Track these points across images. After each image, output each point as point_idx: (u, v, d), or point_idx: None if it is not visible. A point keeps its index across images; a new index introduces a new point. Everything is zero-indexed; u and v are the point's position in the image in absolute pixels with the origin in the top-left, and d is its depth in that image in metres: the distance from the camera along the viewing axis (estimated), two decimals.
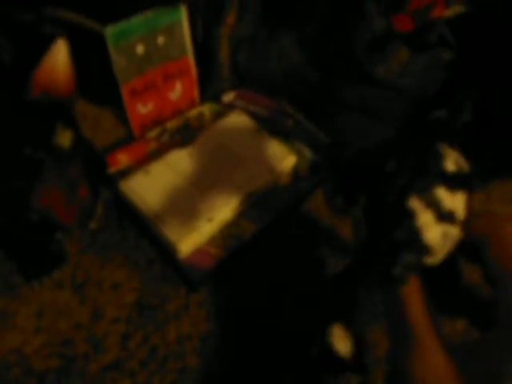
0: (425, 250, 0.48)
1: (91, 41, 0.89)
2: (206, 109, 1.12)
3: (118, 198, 0.93)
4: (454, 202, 0.49)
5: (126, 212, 0.92)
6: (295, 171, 1.04)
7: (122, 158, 0.98)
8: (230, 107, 1.13)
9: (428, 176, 0.48)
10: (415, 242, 0.48)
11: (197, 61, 1.06)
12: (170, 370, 0.79)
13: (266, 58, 1.13)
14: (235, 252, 0.90)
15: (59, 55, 0.64)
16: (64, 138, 0.62)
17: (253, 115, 1.11)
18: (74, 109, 0.68)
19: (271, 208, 0.97)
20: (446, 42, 0.97)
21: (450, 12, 1.03)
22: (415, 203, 0.48)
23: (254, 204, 0.96)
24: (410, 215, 0.48)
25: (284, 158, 1.02)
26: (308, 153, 1.07)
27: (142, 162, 0.97)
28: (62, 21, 0.88)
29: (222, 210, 0.91)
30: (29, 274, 0.78)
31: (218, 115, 1.11)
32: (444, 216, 0.48)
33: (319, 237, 0.98)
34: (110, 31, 0.87)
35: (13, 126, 0.59)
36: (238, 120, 1.09)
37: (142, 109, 1.02)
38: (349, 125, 1.08)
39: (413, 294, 0.49)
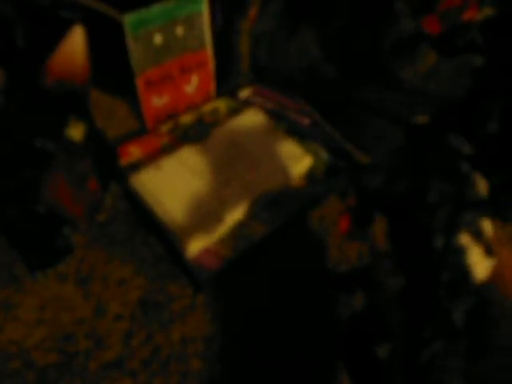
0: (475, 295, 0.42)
1: (108, 28, 0.86)
2: (222, 104, 1.09)
3: (127, 191, 0.90)
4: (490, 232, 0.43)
5: (135, 207, 0.90)
6: (310, 173, 1.00)
7: (134, 151, 0.95)
8: (246, 104, 1.10)
9: (469, 206, 0.42)
10: (466, 286, 0.41)
11: (215, 54, 1.02)
12: (172, 372, 0.77)
13: (285, 54, 1.10)
14: (244, 254, 0.88)
15: (76, 41, 0.61)
16: (76, 131, 0.60)
17: (269, 113, 1.08)
18: (89, 101, 0.65)
19: (283, 211, 0.94)
20: (477, 46, 0.92)
21: (480, 15, 0.99)
22: (465, 238, 0.41)
23: (266, 205, 0.94)
24: (458, 253, 0.41)
25: (300, 159, 0.99)
26: (324, 155, 1.04)
27: (154, 156, 0.95)
28: (79, 6, 0.86)
29: (234, 211, 0.89)
30: (33, 265, 0.77)
31: (234, 112, 1.08)
32: (489, 250, 0.42)
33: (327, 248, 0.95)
34: (128, 19, 0.85)
35: (24, 115, 0.57)
36: (253, 117, 1.06)
37: (157, 101, 0.99)
38: (368, 129, 1.04)
39: None
